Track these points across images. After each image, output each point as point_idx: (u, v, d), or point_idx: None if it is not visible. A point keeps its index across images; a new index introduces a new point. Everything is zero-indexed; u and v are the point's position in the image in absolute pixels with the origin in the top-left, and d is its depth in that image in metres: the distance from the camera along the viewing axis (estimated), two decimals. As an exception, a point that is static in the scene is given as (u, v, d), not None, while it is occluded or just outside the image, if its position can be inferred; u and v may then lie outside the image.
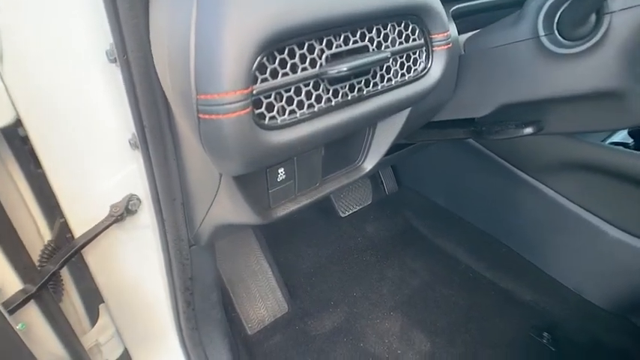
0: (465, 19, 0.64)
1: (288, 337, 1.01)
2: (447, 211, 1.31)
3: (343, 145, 0.57)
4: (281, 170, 0.49)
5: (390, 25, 0.44)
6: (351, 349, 0.99)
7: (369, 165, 0.58)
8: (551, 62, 0.51)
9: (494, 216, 1.12)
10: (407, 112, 0.54)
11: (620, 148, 0.81)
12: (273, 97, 0.38)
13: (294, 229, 1.30)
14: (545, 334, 0.98)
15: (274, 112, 0.38)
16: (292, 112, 0.39)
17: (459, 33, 0.63)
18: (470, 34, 0.62)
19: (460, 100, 0.64)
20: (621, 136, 0.93)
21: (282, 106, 0.39)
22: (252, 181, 0.47)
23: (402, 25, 0.45)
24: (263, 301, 1.06)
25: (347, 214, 1.34)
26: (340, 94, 0.43)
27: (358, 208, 1.35)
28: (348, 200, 1.36)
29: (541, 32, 0.52)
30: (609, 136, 0.92)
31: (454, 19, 0.63)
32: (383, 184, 1.42)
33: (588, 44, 0.49)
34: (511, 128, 0.62)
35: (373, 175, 1.39)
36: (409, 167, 1.39)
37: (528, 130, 0.61)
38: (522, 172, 0.98)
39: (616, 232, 0.87)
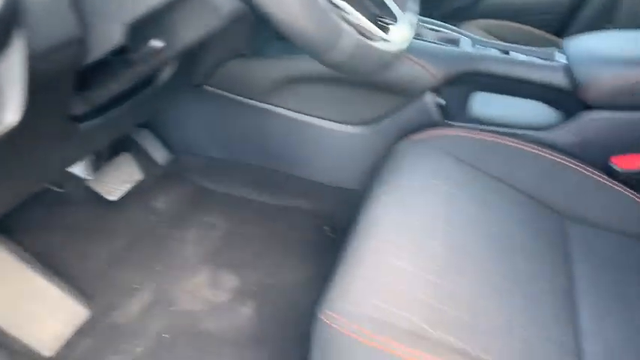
0: None
1: (99, 337, 0.95)
2: (224, 160, 1.36)
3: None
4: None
5: None
6: (165, 316, 0.98)
7: None
8: None
9: (257, 148, 1.21)
10: None
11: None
12: None
13: (68, 233, 1.18)
14: (325, 227, 1.16)
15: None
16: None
17: None
18: None
19: None
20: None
21: None
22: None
23: None
24: (53, 317, 0.95)
25: (118, 196, 1.27)
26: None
27: (129, 186, 1.29)
28: (110, 182, 1.28)
29: None
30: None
31: None
32: (150, 155, 1.38)
33: None
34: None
35: (135, 149, 1.33)
36: (173, 131, 1.37)
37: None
38: (256, 102, 1.08)
39: (340, 126, 1.05)
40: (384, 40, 0.57)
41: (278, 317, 0.98)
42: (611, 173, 0.86)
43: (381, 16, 0.71)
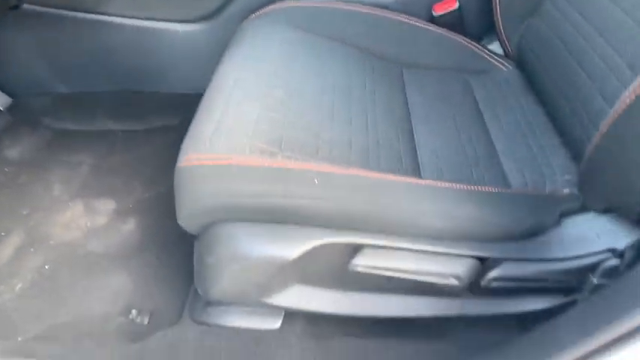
0: None
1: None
2: (74, 95, 1.26)
3: None
4: None
5: None
6: (43, 252, 0.93)
7: None
8: None
9: (104, 71, 1.14)
10: None
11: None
12: None
13: None
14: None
15: None
16: None
17: None
18: None
19: None
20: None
21: None
22: None
23: None
24: None
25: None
26: None
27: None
28: None
29: None
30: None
31: None
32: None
33: None
34: None
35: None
36: (6, 70, 1.22)
37: None
38: (87, 14, 1.00)
39: (182, 26, 1.03)
40: None
41: (159, 225, 0.98)
42: (433, 19, 0.96)
43: None
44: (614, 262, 0.53)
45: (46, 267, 0.92)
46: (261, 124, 0.62)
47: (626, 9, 0.63)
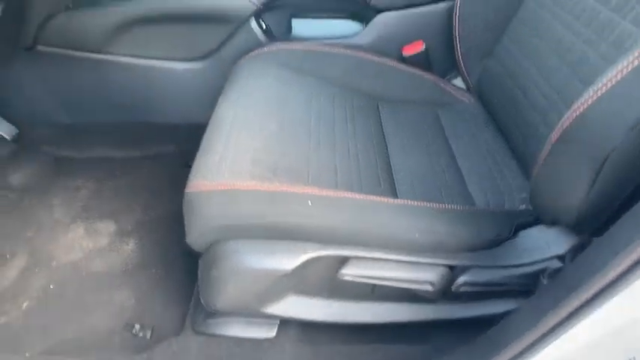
0: None
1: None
2: (77, 125, 1.29)
3: None
4: None
5: None
6: (47, 272, 0.96)
7: None
8: None
9: (106, 104, 1.18)
10: None
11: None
12: None
13: None
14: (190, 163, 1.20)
15: None
16: None
17: None
18: None
19: None
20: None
21: None
22: None
23: None
24: None
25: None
26: None
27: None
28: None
29: None
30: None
31: None
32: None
33: None
34: None
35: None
36: (14, 103, 1.25)
37: None
38: (93, 54, 1.05)
39: (181, 64, 1.08)
40: None
41: (158, 245, 1.01)
42: (404, 60, 1.05)
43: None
44: (558, 264, 0.60)
45: (51, 286, 0.94)
46: (259, 153, 0.68)
47: (561, 55, 0.73)
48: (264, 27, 1.06)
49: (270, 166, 0.66)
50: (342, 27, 1.13)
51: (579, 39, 0.69)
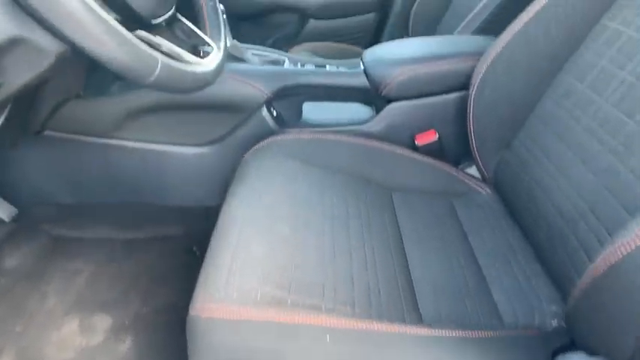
0: None
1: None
2: (78, 204, 1.26)
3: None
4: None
5: None
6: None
7: None
8: None
9: (110, 185, 1.15)
10: None
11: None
12: None
13: None
14: (194, 248, 1.15)
15: None
16: None
17: None
18: None
19: None
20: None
21: None
22: None
23: None
24: None
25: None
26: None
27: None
28: None
29: None
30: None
31: None
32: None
33: None
34: None
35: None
36: (16, 183, 1.22)
37: None
38: (101, 139, 1.04)
39: (189, 149, 1.06)
40: (197, 63, 0.63)
41: (156, 342, 0.94)
42: (416, 148, 1.02)
43: (200, 45, 0.77)
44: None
45: (38, 393, 0.86)
46: (269, 265, 0.63)
47: (586, 161, 0.69)
48: (274, 114, 1.04)
49: (283, 282, 0.61)
50: (353, 111, 1.12)
51: (605, 147, 0.66)
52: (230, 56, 1.04)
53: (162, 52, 0.54)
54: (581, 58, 0.76)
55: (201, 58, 0.65)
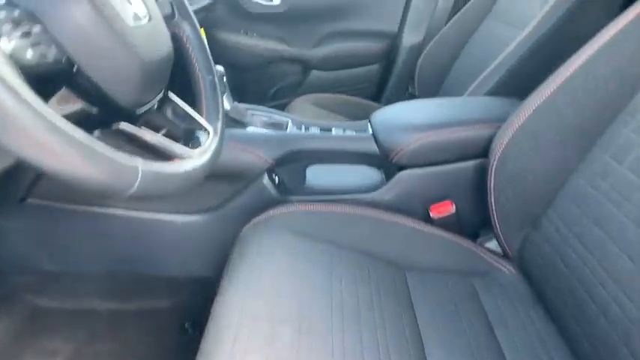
0: None
1: None
2: (61, 273, 1.16)
3: None
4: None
5: None
6: None
7: None
8: None
9: (97, 253, 1.06)
10: None
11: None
12: None
13: None
14: (186, 324, 1.04)
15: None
16: None
17: None
18: None
19: None
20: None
21: None
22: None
23: None
24: None
25: None
26: None
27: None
28: None
29: None
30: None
31: None
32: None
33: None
34: None
35: None
36: (2, 254, 1.14)
37: None
38: (88, 207, 0.96)
39: (183, 217, 0.98)
40: (188, 156, 0.54)
41: None
42: (431, 220, 0.94)
43: (194, 129, 0.68)
44: None
45: None
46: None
47: (630, 254, 0.61)
48: (276, 181, 0.97)
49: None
50: (360, 175, 1.04)
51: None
52: (230, 119, 0.98)
53: (148, 147, 0.46)
54: (619, 135, 0.69)
55: (194, 146, 0.57)
